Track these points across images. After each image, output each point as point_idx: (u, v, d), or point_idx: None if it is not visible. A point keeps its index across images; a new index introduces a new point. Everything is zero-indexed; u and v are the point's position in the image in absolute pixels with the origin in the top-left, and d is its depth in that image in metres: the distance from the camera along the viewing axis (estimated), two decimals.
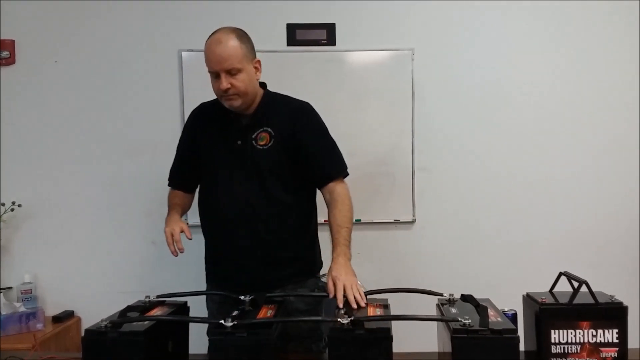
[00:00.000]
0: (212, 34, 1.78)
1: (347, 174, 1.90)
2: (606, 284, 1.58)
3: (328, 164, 1.87)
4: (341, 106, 2.73)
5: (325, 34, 2.77)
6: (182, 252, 1.71)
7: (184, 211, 1.94)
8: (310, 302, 1.85)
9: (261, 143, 1.82)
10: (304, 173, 1.86)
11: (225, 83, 1.74)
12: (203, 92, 2.02)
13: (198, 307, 1.80)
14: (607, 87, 2.80)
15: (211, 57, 1.75)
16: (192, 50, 2.75)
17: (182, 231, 1.73)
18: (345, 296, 1.53)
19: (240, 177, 1.82)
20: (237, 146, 1.83)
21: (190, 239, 1.75)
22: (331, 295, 1.58)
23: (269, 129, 1.83)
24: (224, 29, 1.79)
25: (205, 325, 1.55)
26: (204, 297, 1.94)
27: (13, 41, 2.75)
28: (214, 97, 1.94)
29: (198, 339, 1.59)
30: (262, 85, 1.90)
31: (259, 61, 1.84)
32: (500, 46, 2.80)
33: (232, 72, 1.74)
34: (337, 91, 2.76)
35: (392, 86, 2.78)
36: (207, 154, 1.88)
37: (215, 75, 1.76)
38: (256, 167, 1.81)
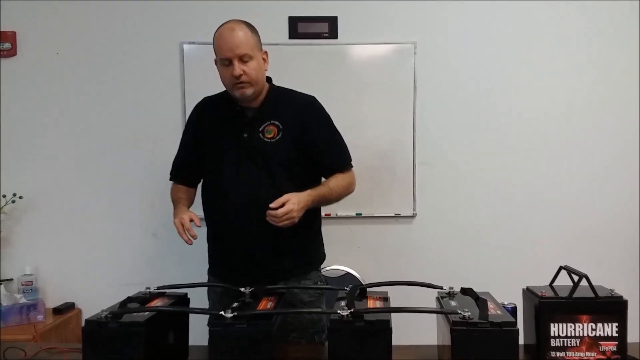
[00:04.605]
0: (222, 24, 1.82)
1: (352, 166, 1.95)
2: (606, 278, 1.57)
3: (335, 158, 1.92)
4: (343, 99, 2.72)
5: (327, 27, 2.76)
6: (195, 239, 1.74)
7: (189, 204, 1.94)
8: (314, 294, 1.88)
9: (268, 136, 1.84)
10: (310, 165, 1.88)
11: (238, 69, 1.76)
12: (204, 84, 2.03)
13: (198, 299, 1.79)
14: (612, 83, 2.79)
15: (223, 45, 1.77)
16: (193, 43, 2.74)
17: (191, 220, 1.75)
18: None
19: (247, 169, 1.83)
20: (244, 139, 1.84)
21: (200, 227, 1.78)
22: (274, 205, 1.68)
23: (277, 122, 1.85)
24: (233, 20, 1.83)
25: (206, 317, 1.55)
26: (205, 289, 1.95)
27: (14, 33, 2.74)
28: (215, 89, 1.95)
29: (198, 330, 1.59)
30: (268, 79, 1.92)
31: (266, 52, 1.88)
32: (503, 40, 2.79)
33: (244, 59, 1.77)
34: (339, 84, 2.75)
35: (393, 80, 2.77)
36: (213, 147, 1.89)
37: (227, 63, 1.78)
38: (265, 160, 1.82)
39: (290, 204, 1.69)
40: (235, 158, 1.84)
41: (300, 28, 2.76)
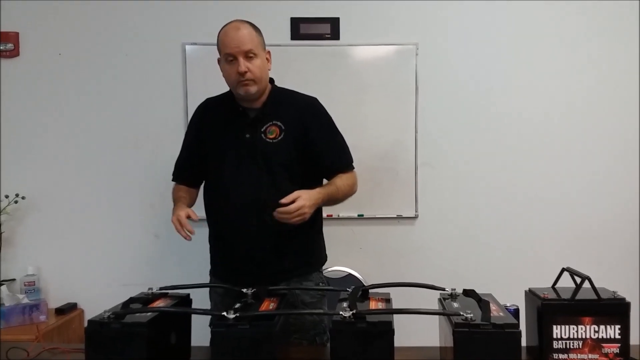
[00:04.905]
0: (226, 24, 1.83)
1: (353, 167, 1.96)
2: (609, 280, 1.57)
3: (336, 159, 1.93)
4: (344, 100, 2.72)
5: (329, 29, 2.76)
6: (193, 234, 1.74)
7: (189, 204, 1.95)
8: (315, 295, 1.88)
9: (270, 136, 1.84)
10: (312, 166, 1.89)
11: (243, 66, 1.77)
12: (206, 85, 2.03)
13: (201, 299, 1.80)
14: (612, 83, 2.79)
15: (229, 42, 1.79)
16: (195, 44, 2.74)
17: (188, 216, 1.75)
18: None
19: (249, 170, 1.83)
20: (246, 139, 1.85)
21: (197, 221, 1.77)
22: (285, 201, 1.69)
23: (279, 123, 1.85)
24: (237, 19, 1.84)
25: (208, 318, 1.56)
26: (207, 290, 1.95)
27: (17, 33, 2.75)
28: (217, 89, 1.96)
29: (200, 331, 1.59)
30: (270, 80, 1.92)
31: (269, 52, 1.89)
32: (504, 40, 2.79)
33: (249, 55, 1.79)
34: (341, 86, 2.75)
35: (395, 81, 2.77)
36: (214, 147, 1.89)
37: (231, 59, 1.79)
38: (266, 160, 1.83)
39: (302, 200, 1.70)
40: (236, 158, 1.85)
41: (302, 29, 2.76)
